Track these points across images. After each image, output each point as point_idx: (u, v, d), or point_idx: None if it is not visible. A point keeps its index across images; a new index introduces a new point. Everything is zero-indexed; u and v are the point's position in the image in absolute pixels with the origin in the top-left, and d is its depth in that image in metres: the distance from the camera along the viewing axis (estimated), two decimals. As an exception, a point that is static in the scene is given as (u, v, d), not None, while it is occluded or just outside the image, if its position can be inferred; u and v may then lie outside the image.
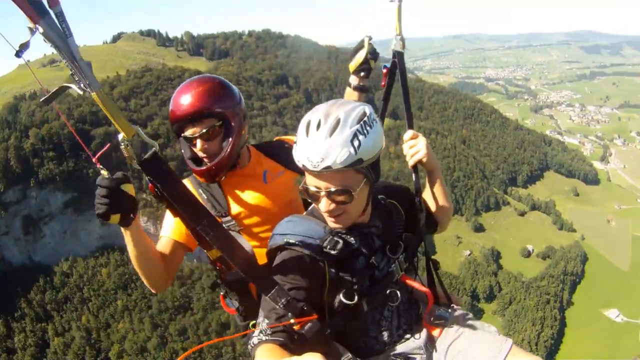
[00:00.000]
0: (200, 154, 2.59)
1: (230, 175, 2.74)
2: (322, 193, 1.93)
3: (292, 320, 1.86)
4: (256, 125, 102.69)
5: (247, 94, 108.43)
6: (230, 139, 2.58)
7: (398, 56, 2.77)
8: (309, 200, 2.10)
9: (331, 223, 2.05)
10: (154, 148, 1.71)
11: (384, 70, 2.85)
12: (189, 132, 2.51)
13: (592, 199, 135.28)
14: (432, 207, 2.58)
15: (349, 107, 1.91)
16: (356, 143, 1.83)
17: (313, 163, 1.84)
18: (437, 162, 2.50)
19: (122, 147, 1.64)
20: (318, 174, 1.89)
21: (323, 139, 1.83)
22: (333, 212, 1.98)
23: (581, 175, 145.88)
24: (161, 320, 70.23)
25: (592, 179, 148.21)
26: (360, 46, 3.06)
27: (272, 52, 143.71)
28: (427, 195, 2.58)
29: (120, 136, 1.64)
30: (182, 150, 2.69)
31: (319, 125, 1.87)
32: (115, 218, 1.88)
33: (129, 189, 1.86)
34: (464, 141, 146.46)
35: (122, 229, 2.03)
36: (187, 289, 74.89)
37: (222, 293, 2.74)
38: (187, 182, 2.70)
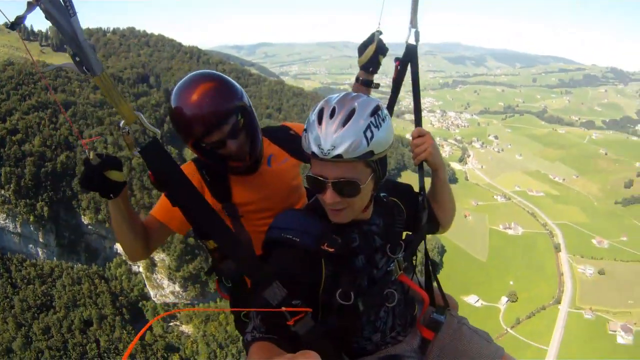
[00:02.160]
0: (229, 153, 2.54)
1: None
2: (329, 183, 1.92)
3: (286, 316, 1.89)
4: (114, 123, 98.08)
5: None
6: (256, 127, 2.61)
7: (411, 50, 2.76)
8: (313, 190, 2.08)
9: (332, 217, 2.05)
10: (155, 135, 1.76)
11: (396, 63, 2.83)
12: (215, 137, 2.44)
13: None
14: (435, 206, 2.60)
15: (364, 99, 1.93)
16: (369, 135, 1.84)
17: (324, 151, 1.83)
18: (443, 162, 2.50)
19: (123, 133, 1.67)
20: (327, 163, 1.88)
21: (337, 127, 1.83)
22: (337, 204, 1.97)
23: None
24: (24, 319, 69.01)
25: (449, 179, 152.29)
26: (369, 41, 3.05)
27: (135, 50, 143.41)
28: (430, 194, 2.60)
29: (122, 123, 1.65)
30: (204, 157, 2.58)
31: (332, 114, 1.87)
32: (93, 192, 2.02)
33: (115, 175, 1.97)
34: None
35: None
36: (47, 287, 74.00)
37: (217, 278, 2.88)
38: (189, 166, 2.71)
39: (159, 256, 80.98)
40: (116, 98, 1.55)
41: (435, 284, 2.68)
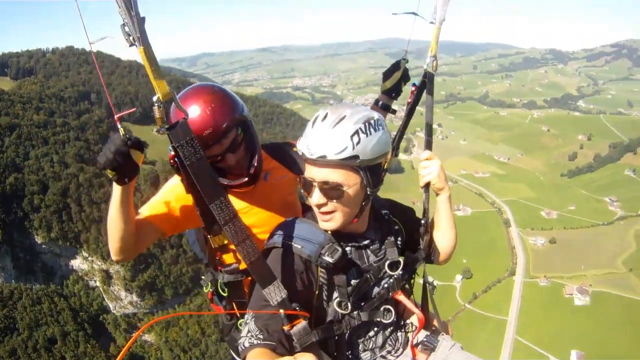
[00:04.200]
0: (228, 167, 2.62)
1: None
2: (315, 184, 2.00)
3: (283, 320, 1.90)
4: (59, 142, 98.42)
5: (50, 111, 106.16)
6: (255, 141, 2.68)
7: (429, 77, 2.86)
8: (304, 194, 2.15)
9: (321, 222, 2.11)
10: (184, 117, 1.76)
11: (412, 88, 2.95)
12: (215, 151, 2.50)
13: (398, 186, 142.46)
14: (436, 233, 2.62)
15: (358, 108, 2.02)
16: (355, 139, 1.91)
17: (310, 151, 1.93)
18: (447, 187, 2.55)
19: (155, 107, 1.68)
20: (314, 163, 1.97)
21: (325, 130, 1.93)
22: (323, 207, 2.04)
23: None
24: None
25: (395, 169, 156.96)
26: (395, 67, 3.25)
27: (74, 69, 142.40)
28: (432, 221, 2.64)
29: (155, 97, 1.67)
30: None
31: (324, 118, 1.97)
32: (110, 173, 2.03)
33: (137, 156, 2.04)
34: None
35: (114, 185, 2.17)
36: (9, 310, 73.16)
37: (210, 290, 2.87)
38: (177, 179, 2.63)
39: (113, 267, 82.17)
40: (155, 71, 1.59)
41: (431, 307, 2.76)
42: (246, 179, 2.61)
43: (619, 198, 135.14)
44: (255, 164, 2.62)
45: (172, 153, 1.88)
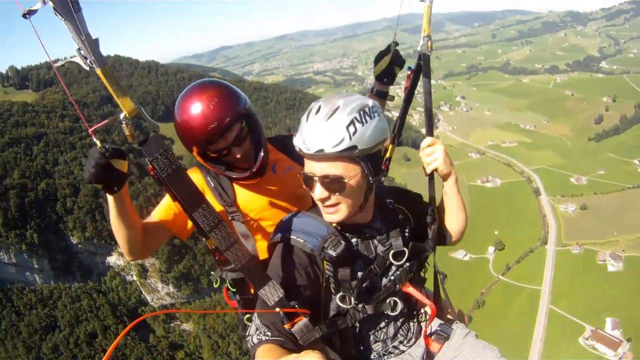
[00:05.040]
0: (234, 161, 2.62)
1: None
2: (316, 178, 1.98)
3: (283, 319, 1.91)
4: (86, 146, 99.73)
5: (75, 118, 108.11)
6: (260, 133, 2.67)
7: (424, 58, 2.63)
8: (306, 189, 2.11)
9: (326, 215, 2.09)
10: (155, 129, 1.75)
11: (408, 72, 2.77)
12: (221, 145, 2.51)
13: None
14: (445, 217, 2.56)
15: (351, 98, 1.97)
16: (352, 129, 1.87)
17: (307, 146, 1.90)
18: (454, 171, 2.43)
19: (123, 125, 1.69)
20: (312, 157, 1.94)
21: (319, 123, 1.89)
22: (326, 200, 2.02)
23: (410, 142, 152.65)
24: (33, 342, 70.50)
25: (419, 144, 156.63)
26: (386, 51, 3.12)
27: (94, 74, 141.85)
28: (440, 204, 2.57)
29: (122, 115, 1.68)
30: (210, 165, 2.66)
31: (318, 111, 1.93)
32: (98, 185, 2.04)
33: (121, 165, 2.05)
34: (289, 130, 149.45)
35: (107, 195, 2.19)
36: (50, 309, 75.59)
37: (225, 286, 2.85)
38: (195, 171, 2.78)
39: (149, 261, 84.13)
40: (117, 90, 1.62)
41: (443, 295, 2.74)
42: (253, 170, 2.63)
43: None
44: (262, 155, 2.65)
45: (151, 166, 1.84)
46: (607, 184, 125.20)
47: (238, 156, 2.55)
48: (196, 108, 2.39)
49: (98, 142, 1.88)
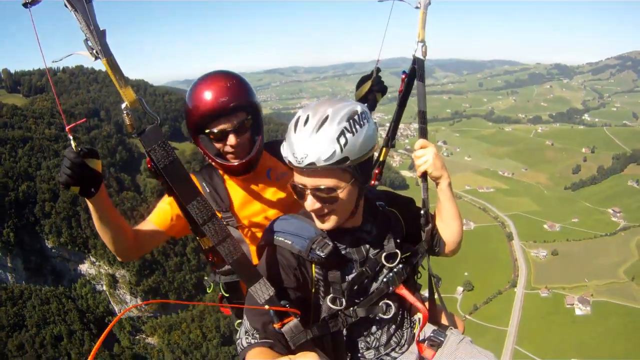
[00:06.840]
0: (228, 150, 2.65)
1: None
2: (307, 191, 1.95)
3: (273, 318, 1.90)
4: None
5: (61, 127, 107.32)
6: (261, 133, 2.74)
7: (418, 63, 2.72)
8: (297, 200, 2.10)
9: (318, 223, 2.08)
10: (155, 121, 1.76)
11: (402, 76, 2.85)
12: (220, 127, 2.57)
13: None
14: (440, 224, 2.54)
15: (339, 105, 1.91)
16: (342, 141, 1.82)
17: (297, 159, 1.85)
18: (446, 174, 2.43)
19: (124, 114, 1.71)
20: (303, 171, 1.91)
21: (309, 135, 1.84)
22: (319, 211, 2.01)
23: (388, 183, 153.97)
24: None
25: (400, 185, 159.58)
26: (368, 77, 3.07)
27: (84, 87, 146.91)
28: (435, 210, 2.56)
29: (124, 104, 1.69)
30: (204, 148, 2.71)
31: (306, 121, 1.87)
32: (74, 189, 2.00)
33: (95, 164, 2.01)
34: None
35: (86, 199, 2.13)
36: (18, 308, 76.79)
37: (219, 294, 2.85)
38: (191, 177, 2.53)
39: (119, 272, 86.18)
40: (120, 80, 1.62)
41: (438, 301, 2.71)
42: (243, 161, 2.65)
43: (622, 209, 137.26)
44: (256, 150, 2.69)
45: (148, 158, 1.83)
46: (580, 232, 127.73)
47: (233, 143, 2.60)
48: (215, 82, 2.55)
49: (73, 142, 1.89)
